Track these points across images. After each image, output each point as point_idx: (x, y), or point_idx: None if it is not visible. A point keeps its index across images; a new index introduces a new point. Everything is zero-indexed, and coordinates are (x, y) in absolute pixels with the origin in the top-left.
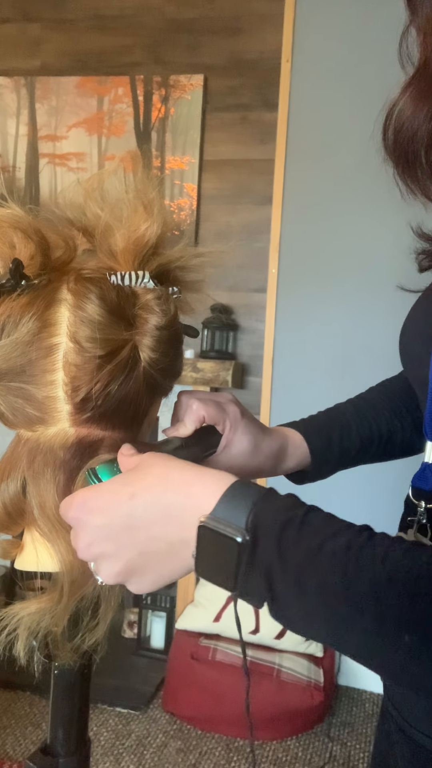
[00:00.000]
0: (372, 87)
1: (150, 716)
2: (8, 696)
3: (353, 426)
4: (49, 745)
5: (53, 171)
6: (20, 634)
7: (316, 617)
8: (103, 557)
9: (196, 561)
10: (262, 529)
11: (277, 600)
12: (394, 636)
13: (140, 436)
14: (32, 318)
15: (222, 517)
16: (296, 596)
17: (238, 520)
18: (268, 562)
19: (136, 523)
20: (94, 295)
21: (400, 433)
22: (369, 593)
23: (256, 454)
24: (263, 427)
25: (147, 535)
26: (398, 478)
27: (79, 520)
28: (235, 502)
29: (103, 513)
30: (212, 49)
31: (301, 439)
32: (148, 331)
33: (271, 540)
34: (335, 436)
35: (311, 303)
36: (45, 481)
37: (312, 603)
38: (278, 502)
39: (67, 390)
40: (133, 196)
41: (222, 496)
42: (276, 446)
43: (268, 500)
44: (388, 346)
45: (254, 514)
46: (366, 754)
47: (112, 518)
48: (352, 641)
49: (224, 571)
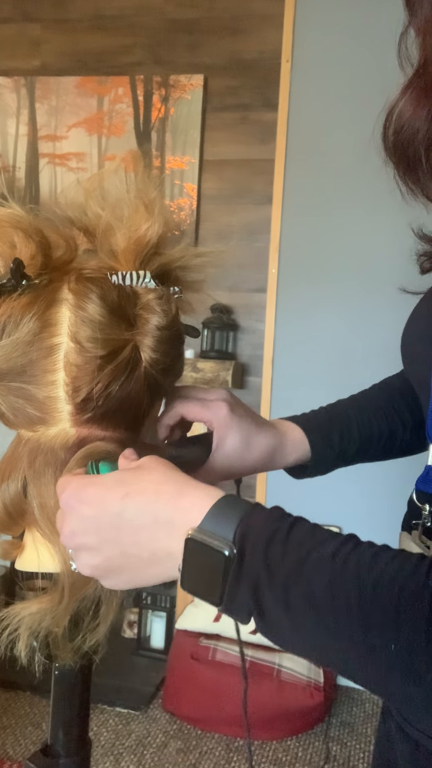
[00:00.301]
0: (372, 87)
1: (150, 716)
2: (8, 696)
3: (354, 423)
4: (50, 745)
5: (53, 171)
6: (21, 634)
7: (303, 629)
8: (84, 548)
9: (182, 574)
10: (249, 542)
11: (264, 613)
12: (380, 645)
13: (141, 436)
14: (33, 318)
15: (209, 530)
16: (283, 608)
17: (226, 533)
18: (255, 574)
19: (124, 524)
20: (95, 295)
21: (400, 432)
22: (355, 602)
23: (249, 451)
24: (259, 422)
25: (132, 539)
26: (401, 478)
27: (70, 505)
28: (222, 516)
29: (94, 505)
30: (212, 49)
31: (301, 434)
32: (149, 331)
33: (258, 552)
34: (336, 432)
35: (311, 303)
36: (46, 481)
37: (299, 614)
38: (265, 515)
39: (68, 390)
40: (134, 196)
41: (210, 510)
42: (271, 443)
43: (255, 514)
44: (388, 345)
45: (241, 527)
46: (366, 754)
47: (101, 512)
48: (339, 652)
49: (210, 585)
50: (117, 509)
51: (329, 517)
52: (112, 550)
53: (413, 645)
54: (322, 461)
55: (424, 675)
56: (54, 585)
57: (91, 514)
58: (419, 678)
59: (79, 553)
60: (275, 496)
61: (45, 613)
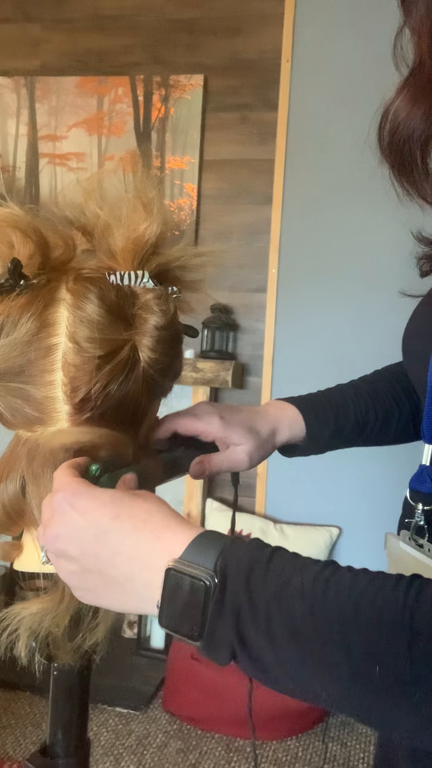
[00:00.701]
0: (372, 87)
1: (150, 716)
2: (8, 696)
3: (350, 404)
4: (49, 746)
5: (53, 171)
6: (21, 635)
7: (286, 660)
8: (64, 555)
9: (161, 609)
10: (230, 572)
11: (246, 646)
12: (365, 671)
13: (140, 437)
14: (31, 318)
15: (190, 560)
16: (266, 639)
17: (207, 563)
18: (237, 604)
19: (108, 543)
20: (93, 294)
21: (396, 417)
22: (337, 628)
23: (257, 434)
24: (249, 411)
25: (111, 561)
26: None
27: (62, 507)
28: (203, 547)
29: (85, 515)
30: (212, 49)
31: (296, 411)
32: (147, 331)
33: (240, 581)
34: (331, 411)
35: (311, 303)
36: (45, 481)
37: (281, 644)
38: (245, 546)
39: (66, 390)
40: (133, 196)
41: (191, 542)
42: (269, 425)
43: (236, 545)
44: (388, 345)
45: (222, 557)
46: (366, 754)
47: (89, 525)
48: (325, 681)
49: (190, 618)
50: (105, 527)
51: (329, 517)
52: (91, 564)
53: (398, 667)
54: (316, 438)
55: (411, 696)
56: (54, 585)
57: (80, 523)
58: (407, 699)
59: (59, 558)
60: (275, 496)
61: (45, 613)
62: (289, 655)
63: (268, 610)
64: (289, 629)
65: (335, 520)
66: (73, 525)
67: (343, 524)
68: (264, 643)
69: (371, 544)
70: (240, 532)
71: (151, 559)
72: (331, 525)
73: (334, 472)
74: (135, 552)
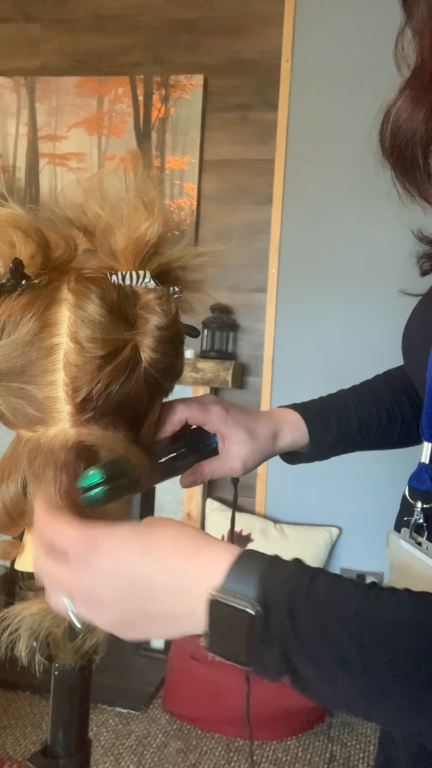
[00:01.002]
0: (372, 87)
1: (150, 716)
2: (8, 696)
3: (353, 409)
4: (50, 746)
5: (53, 171)
6: (22, 635)
7: (336, 686)
8: (103, 605)
9: (209, 637)
10: (272, 601)
11: (295, 672)
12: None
13: (141, 437)
14: (32, 318)
15: (231, 589)
16: (315, 667)
17: (248, 591)
18: (282, 634)
19: (144, 582)
20: (94, 294)
21: (399, 422)
22: (384, 655)
23: (255, 438)
24: (252, 413)
25: (151, 597)
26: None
27: (84, 558)
28: (242, 574)
29: (113, 559)
30: (212, 49)
31: (298, 417)
32: (149, 332)
33: (283, 611)
34: (334, 416)
35: (311, 303)
36: (46, 481)
37: (329, 670)
38: (285, 571)
39: (68, 390)
40: (134, 195)
41: (229, 569)
42: (269, 428)
43: (275, 569)
44: (387, 345)
45: (263, 585)
46: (366, 754)
47: (121, 567)
48: (374, 705)
49: (238, 646)
50: (137, 566)
51: (329, 517)
52: (131, 606)
53: None
54: (320, 444)
55: None
56: None
57: (109, 569)
58: None
59: (97, 608)
60: (275, 496)
61: (46, 613)
62: (338, 683)
63: (312, 640)
64: (337, 658)
65: (335, 520)
66: (103, 573)
67: (343, 524)
68: (312, 671)
69: (371, 544)
70: (240, 532)
71: (191, 586)
72: (331, 525)
73: (334, 472)
74: (174, 583)
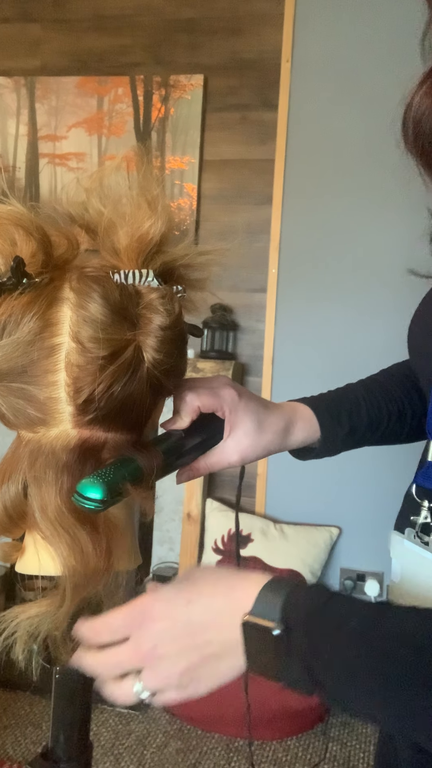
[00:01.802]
0: (372, 87)
1: (150, 716)
2: (8, 696)
3: (363, 403)
4: (51, 749)
5: (53, 171)
6: (19, 638)
7: (350, 695)
8: (167, 658)
9: (246, 658)
10: (291, 621)
11: (320, 684)
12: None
13: (143, 438)
14: (34, 317)
15: (260, 613)
16: (332, 679)
17: (273, 614)
18: (302, 650)
19: (195, 628)
20: (97, 294)
21: (409, 415)
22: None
23: (262, 431)
24: (266, 403)
25: (204, 638)
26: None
27: (142, 625)
28: (269, 599)
29: (164, 618)
30: (212, 49)
31: (310, 413)
32: (151, 332)
33: (300, 629)
34: (344, 411)
35: (311, 303)
36: (47, 483)
37: (343, 681)
38: (305, 593)
39: (70, 391)
40: (137, 193)
41: (258, 595)
42: (282, 422)
43: (297, 592)
44: (387, 345)
45: (285, 606)
46: (366, 754)
47: (173, 623)
48: (385, 712)
49: (269, 663)
50: (186, 617)
51: (329, 517)
52: (192, 655)
53: None
54: (331, 439)
55: None
56: (55, 588)
57: (165, 626)
58: None
59: (161, 665)
60: (275, 496)
61: (43, 616)
62: (350, 691)
63: (327, 654)
64: (346, 670)
65: (335, 520)
66: (161, 631)
67: (343, 524)
68: (331, 683)
69: (371, 544)
70: (240, 532)
71: (232, 618)
72: (331, 525)
73: (334, 472)
74: (218, 620)
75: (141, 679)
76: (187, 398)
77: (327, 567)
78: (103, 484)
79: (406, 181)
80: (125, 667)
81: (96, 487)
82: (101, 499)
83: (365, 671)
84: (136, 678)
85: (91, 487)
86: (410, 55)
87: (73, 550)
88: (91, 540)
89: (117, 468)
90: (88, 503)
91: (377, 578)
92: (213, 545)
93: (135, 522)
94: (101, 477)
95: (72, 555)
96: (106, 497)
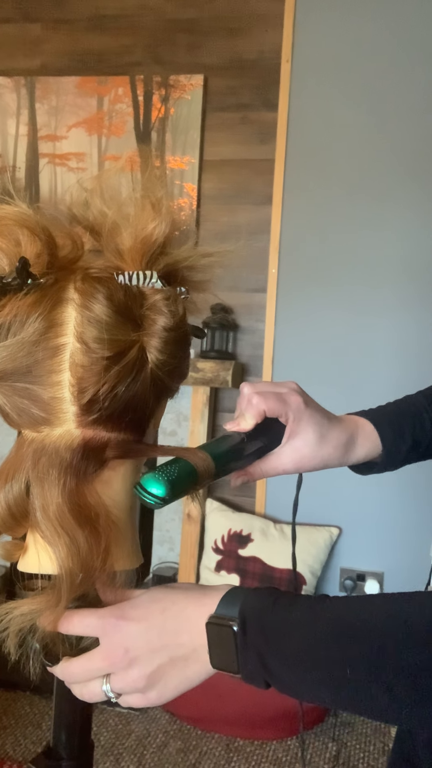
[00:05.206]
0: (372, 87)
1: (150, 716)
2: (8, 696)
3: (426, 416)
4: (52, 748)
5: (53, 171)
6: (11, 634)
7: (303, 680)
8: (137, 662)
9: (211, 656)
10: (247, 616)
11: (272, 673)
12: (349, 677)
13: (146, 438)
14: (39, 317)
15: (221, 614)
16: (284, 666)
17: (232, 613)
18: (256, 641)
19: (167, 633)
20: (101, 294)
21: None
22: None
23: (323, 444)
24: (330, 416)
25: (176, 643)
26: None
27: (117, 626)
28: (230, 602)
29: (140, 622)
30: (212, 49)
31: (371, 428)
32: (155, 333)
33: (255, 623)
34: (407, 425)
35: (311, 303)
36: (49, 482)
37: (294, 667)
38: (259, 595)
39: (74, 391)
40: (141, 195)
41: (221, 599)
42: (344, 436)
43: (253, 595)
44: (387, 345)
45: (242, 606)
46: (366, 754)
47: (148, 627)
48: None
49: (229, 658)
50: (160, 622)
51: (329, 517)
52: (162, 657)
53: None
54: (393, 454)
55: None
56: (50, 587)
57: (139, 629)
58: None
59: (132, 667)
60: (275, 496)
61: (36, 613)
62: (303, 676)
63: (275, 644)
64: (296, 657)
65: (335, 520)
66: (135, 633)
67: (343, 524)
68: (284, 671)
69: (371, 544)
70: (240, 532)
71: (200, 623)
72: (331, 525)
73: (334, 472)
74: (188, 625)
75: (109, 680)
76: (254, 401)
77: (327, 567)
78: (167, 482)
79: (406, 181)
80: (95, 675)
81: (160, 484)
82: (162, 497)
83: (307, 655)
84: (105, 679)
85: (156, 483)
86: (410, 55)
87: (70, 551)
88: (89, 542)
89: (180, 468)
90: (149, 498)
91: (377, 578)
92: (213, 545)
93: (135, 522)
94: (166, 474)
95: (69, 556)
96: (167, 496)
